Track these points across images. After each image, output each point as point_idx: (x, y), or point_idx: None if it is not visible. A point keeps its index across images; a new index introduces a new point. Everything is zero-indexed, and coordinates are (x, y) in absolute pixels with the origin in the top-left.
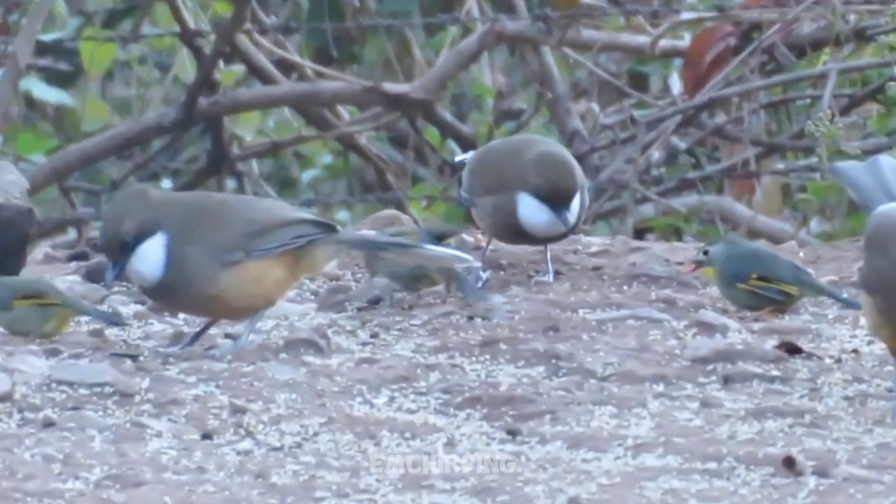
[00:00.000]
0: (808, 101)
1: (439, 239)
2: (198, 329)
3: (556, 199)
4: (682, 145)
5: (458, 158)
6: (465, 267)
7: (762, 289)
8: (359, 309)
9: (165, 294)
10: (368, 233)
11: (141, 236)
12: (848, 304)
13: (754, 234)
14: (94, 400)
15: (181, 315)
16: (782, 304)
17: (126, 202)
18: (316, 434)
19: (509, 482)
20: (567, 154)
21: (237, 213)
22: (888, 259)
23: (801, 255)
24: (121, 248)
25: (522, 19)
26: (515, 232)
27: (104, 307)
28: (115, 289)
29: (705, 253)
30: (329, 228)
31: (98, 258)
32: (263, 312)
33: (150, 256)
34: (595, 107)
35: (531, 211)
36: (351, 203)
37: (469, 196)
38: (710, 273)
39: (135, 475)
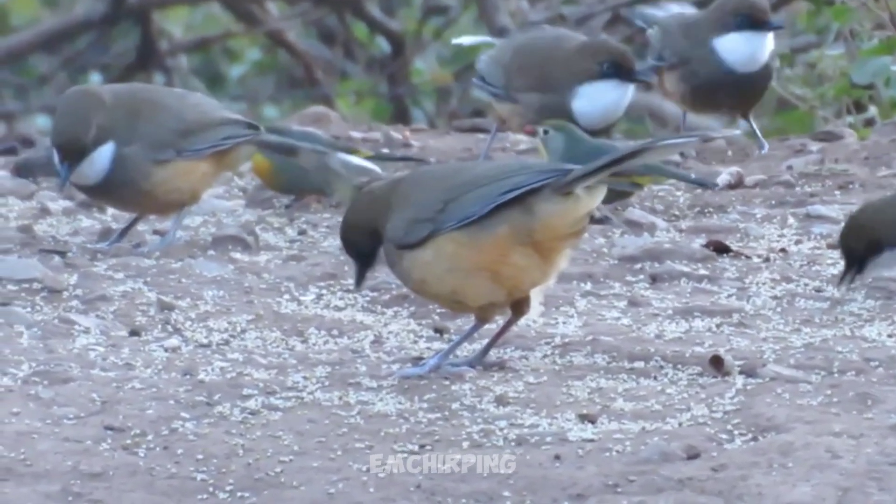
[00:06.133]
0: None
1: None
2: (125, 225)
3: (625, 67)
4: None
5: (462, 41)
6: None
7: (615, 184)
8: (287, 206)
9: (104, 192)
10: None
11: (97, 142)
12: (700, 184)
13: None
14: (22, 296)
15: (110, 211)
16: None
17: (81, 104)
18: (243, 331)
19: (436, 380)
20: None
21: (170, 111)
22: None
23: (730, 153)
24: (79, 153)
25: None
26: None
27: (34, 203)
28: (44, 184)
29: (545, 132)
30: (253, 127)
31: (27, 154)
32: (189, 208)
33: (100, 162)
34: (524, 4)
35: (591, 97)
36: (279, 99)
37: (505, 92)
38: (543, 154)
39: (63, 371)
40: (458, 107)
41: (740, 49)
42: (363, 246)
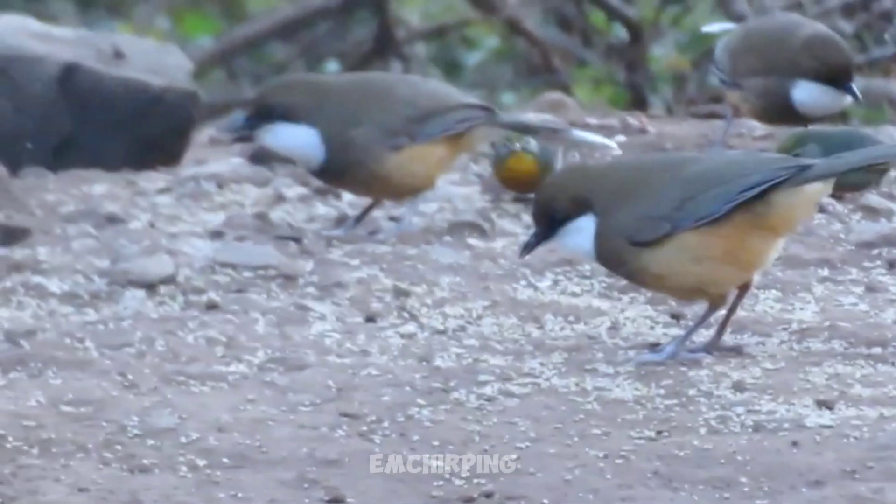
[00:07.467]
0: None
1: None
2: (360, 212)
3: (841, 77)
4: (849, 28)
5: (709, 29)
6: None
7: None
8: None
9: (334, 175)
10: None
11: (288, 117)
12: None
13: None
14: (257, 282)
15: (345, 198)
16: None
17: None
18: (479, 317)
19: (673, 366)
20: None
21: (403, 98)
22: None
23: None
24: (265, 114)
25: None
26: (784, 113)
27: (269, 190)
28: (280, 171)
29: (797, 156)
30: (488, 110)
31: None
32: (424, 194)
33: (300, 135)
34: None
35: (811, 94)
36: (517, 86)
37: (730, 78)
38: None
39: (298, 358)
40: (695, 93)
41: None
42: (560, 212)
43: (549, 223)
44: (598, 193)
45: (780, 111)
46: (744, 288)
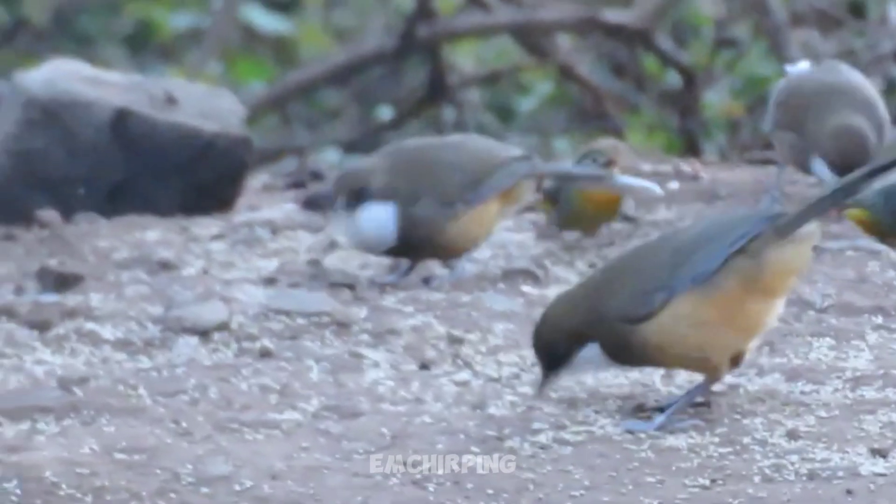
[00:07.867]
0: None
1: None
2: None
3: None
4: None
5: (791, 68)
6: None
7: None
8: (577, 238)
9: (401, 252)
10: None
11: (374, 196)
12: None
13: None
14: (311, 329)
15: None
16: None
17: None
18: (534, 365)
19: (727, 415)
20: (865, 129)
21: (451, 165)
22: None
23: None
24: (358, 195)
25: None
26: (807, 170)
27: (323, 236)
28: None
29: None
30: (528, 159)
31: (316, 187)
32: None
33: (380, 220)
34: (814, 36)
35: (823, 173)
36: (570, 131)
37: (771, 128)
38: (861, 215)
39: (352, 406)
40: (749, 139)
41: None
42: (562, 349)
43: (554, 362)
44: (592, 319)
45: (802, 167)
46: (734, 361)
